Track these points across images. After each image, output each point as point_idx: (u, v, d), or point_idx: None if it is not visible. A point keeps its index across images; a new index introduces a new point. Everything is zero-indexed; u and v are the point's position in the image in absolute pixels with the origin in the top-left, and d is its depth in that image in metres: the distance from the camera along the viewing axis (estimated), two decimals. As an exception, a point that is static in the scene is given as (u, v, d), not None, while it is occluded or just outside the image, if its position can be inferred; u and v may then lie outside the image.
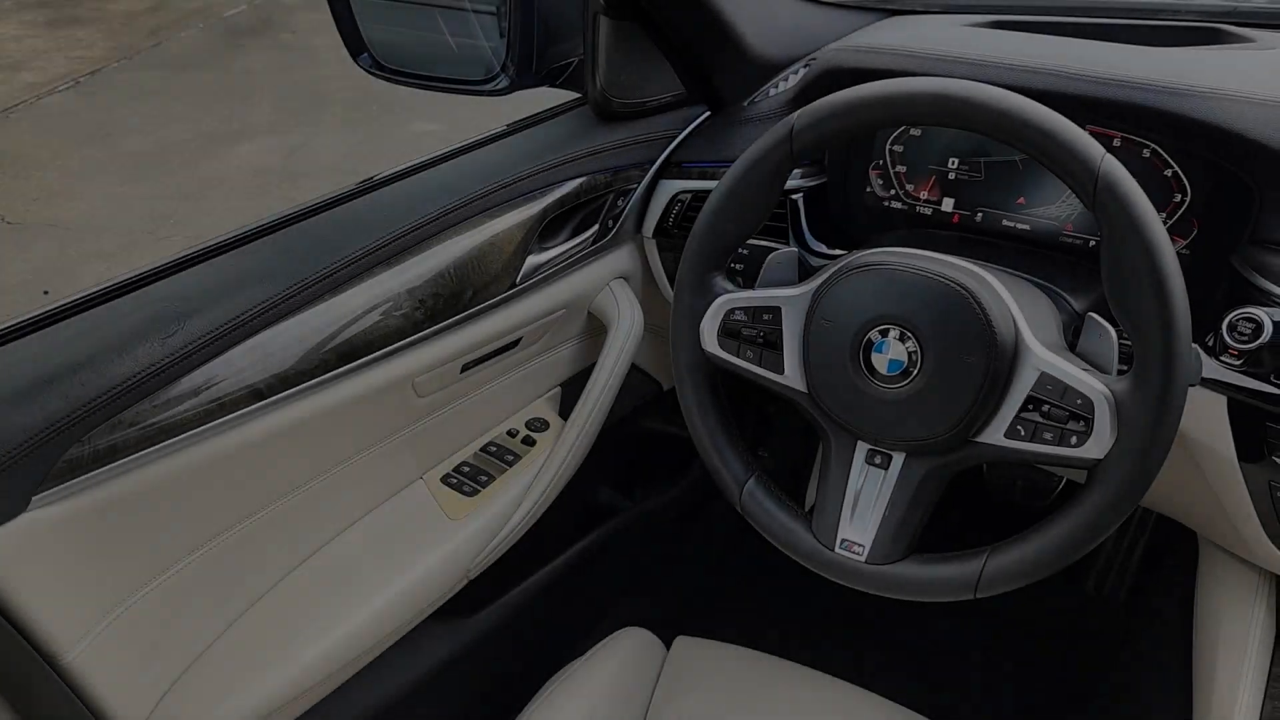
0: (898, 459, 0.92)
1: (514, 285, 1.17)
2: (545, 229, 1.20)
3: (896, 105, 0.88)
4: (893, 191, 1.23)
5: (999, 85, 0.85)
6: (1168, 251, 0.79)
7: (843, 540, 0.94)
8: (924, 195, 1.22)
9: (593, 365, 1.31)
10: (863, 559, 0.93)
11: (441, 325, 1.11)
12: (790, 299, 0.95)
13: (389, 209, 1.11)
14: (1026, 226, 1.16)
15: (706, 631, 1.22)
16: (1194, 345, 0.84)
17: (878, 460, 0.93)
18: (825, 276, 0.93)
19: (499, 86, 1.31)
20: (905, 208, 1.23)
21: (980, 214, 1.18)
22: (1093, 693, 1.60)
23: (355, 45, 1.34)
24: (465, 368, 1.17)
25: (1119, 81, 1.02)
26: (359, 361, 1.04)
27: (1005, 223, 1.17)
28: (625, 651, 1.16)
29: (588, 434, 1.27)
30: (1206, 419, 0.98)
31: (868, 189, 1.25)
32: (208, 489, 0.97)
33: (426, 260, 1.09)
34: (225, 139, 5.07)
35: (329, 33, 1.29)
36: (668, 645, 1.19)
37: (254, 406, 0.96)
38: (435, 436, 1.21)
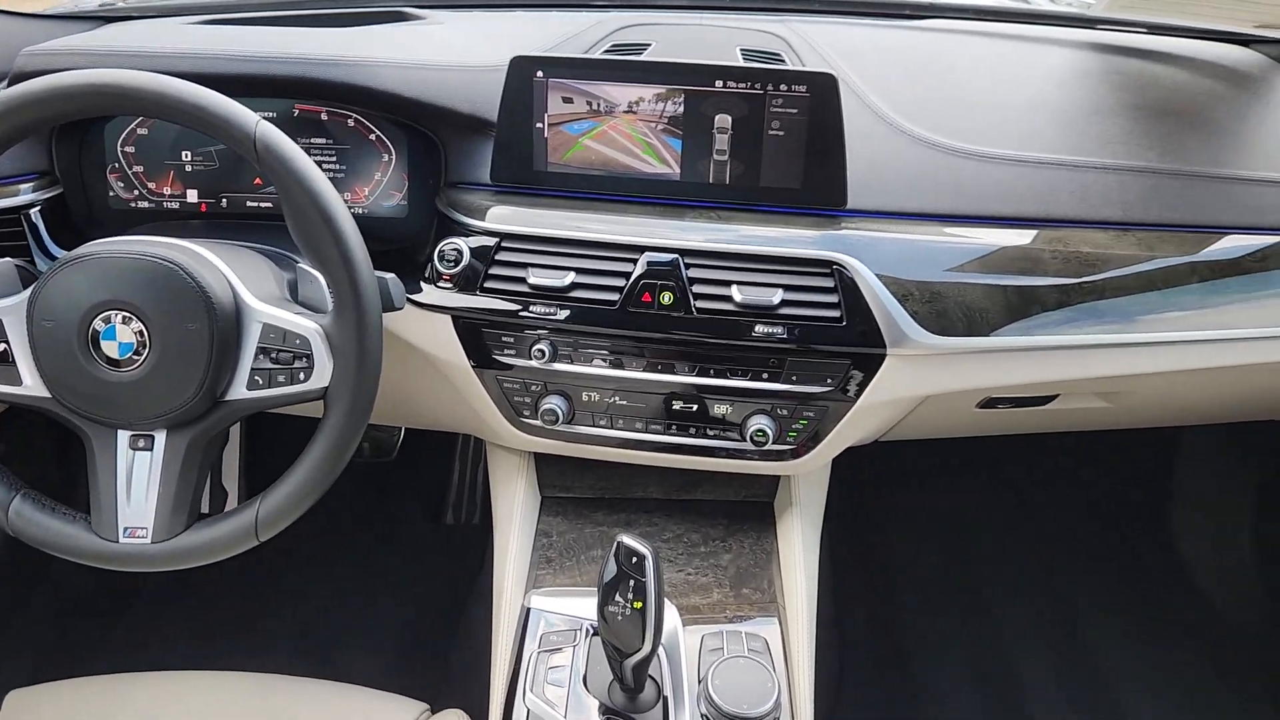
0: (160, 437, 0.95)
1: None
2: None
3: (56, 101, 0.89)
4: (136, 192, 1.25)
5: (172, 74, 0.91)
6: (331, 196, 0.92)
7: (125, 529, 0.95)
8: (168, 191, 1.24)
9: None
10: (149, 540, 0.95)
11: None
12: (9, 309, 0.93)
13: None
14: (269, 204, 1.25)
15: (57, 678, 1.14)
16: (391, 275, 0.99)
17: (141, 443, 0.95)
18: (39, 280, 0.92)
19: None
20: (153, 205, 1.25)
21: (224, 199, 1.25)
22: (465, 599, 1.79)
23: None
24: None
25: (280, 59, 1.14)
26: None
27: (249, 204, 1.25)
28: None
29: None
30: (441, 338, 1.14)
31: (110, 194, 1.25)
32: None
33: None
34: None
35: None
36: None
37: None
38: None
